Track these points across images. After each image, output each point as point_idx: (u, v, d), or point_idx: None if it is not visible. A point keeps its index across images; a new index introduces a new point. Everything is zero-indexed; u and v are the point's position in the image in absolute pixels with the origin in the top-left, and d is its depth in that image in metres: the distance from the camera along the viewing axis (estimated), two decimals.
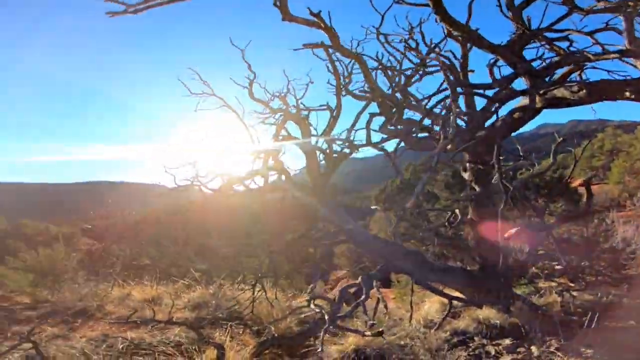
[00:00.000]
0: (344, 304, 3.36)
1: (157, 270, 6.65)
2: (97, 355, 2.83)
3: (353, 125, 4.67)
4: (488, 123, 4.33)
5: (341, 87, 4.83)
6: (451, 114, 3.32)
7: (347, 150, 4.73)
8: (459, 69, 4.78)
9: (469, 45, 4.70)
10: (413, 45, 5.05)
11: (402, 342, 3.57)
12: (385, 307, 3.10)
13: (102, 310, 4.68)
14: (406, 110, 4.88)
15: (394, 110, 4.56)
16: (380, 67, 5.03)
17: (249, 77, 4.88)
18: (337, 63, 4.71)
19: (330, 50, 4.43)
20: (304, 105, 5.18)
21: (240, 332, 3.74)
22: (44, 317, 4.24)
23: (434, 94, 4.50)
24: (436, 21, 3.62)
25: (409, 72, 5.05)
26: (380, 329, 2.69)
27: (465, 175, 4.55)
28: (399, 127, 4.53)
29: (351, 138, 4.66)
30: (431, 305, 4.86)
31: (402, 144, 4.38)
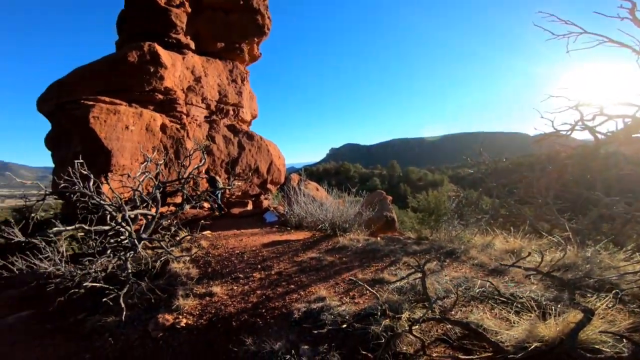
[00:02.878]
0: None
1: (528, 222, 6.73)
2: (454, 295, 3.60)
3: None
4: None
5: None
6: None
7: None
8: None
9: None
10: None
11: None
12: None
13: (467, 254, 5.61)
14: None
15: None
16: None
17: (624, 7, 4.05)
18: None
19: None
20: None
21: (610, 306, 3.25)
22: (425, 252, 5.77)
23: None
24: None
25: None
26: None
27: None
28: None
29: None
30: None
31: None
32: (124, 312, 5.00)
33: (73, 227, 5.62)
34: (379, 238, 7.32)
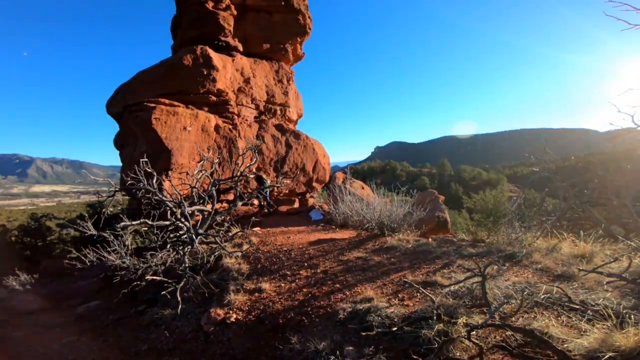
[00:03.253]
0: None
1: (602, 225, 6.10)
2: (516, 300, 3.35)
3: None
4: None
5: None
6: None
7: None
8: None
9: None
10: None
11: None
12: None
13: (529, 258, 5.21)
14: None
15: None
16: None
17: None
18: None
19: None
20: None
21: None
22: (481, 255, 5.45)
23: None
24: None
25: None
26: None
27: None
28: None
29: None
30: None
31: None
32: (180, 306, 5.33)
33: (138, 222, 6.10)
34: (430, 239, 7.07)
